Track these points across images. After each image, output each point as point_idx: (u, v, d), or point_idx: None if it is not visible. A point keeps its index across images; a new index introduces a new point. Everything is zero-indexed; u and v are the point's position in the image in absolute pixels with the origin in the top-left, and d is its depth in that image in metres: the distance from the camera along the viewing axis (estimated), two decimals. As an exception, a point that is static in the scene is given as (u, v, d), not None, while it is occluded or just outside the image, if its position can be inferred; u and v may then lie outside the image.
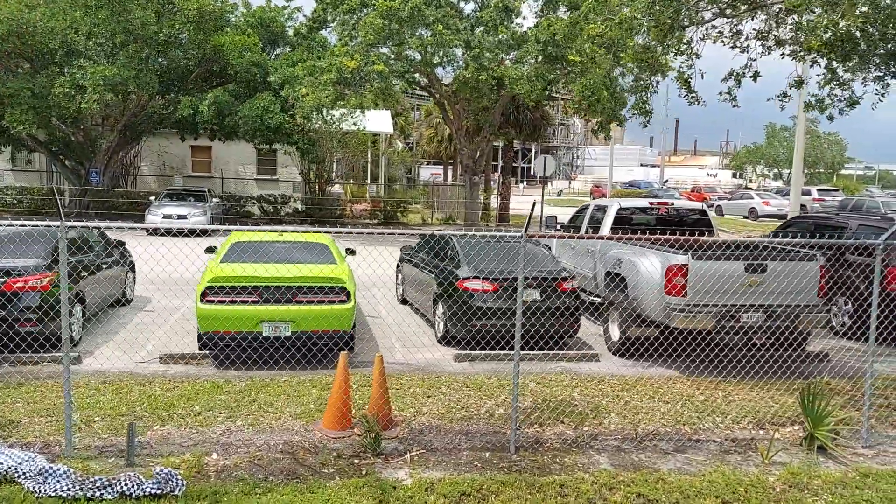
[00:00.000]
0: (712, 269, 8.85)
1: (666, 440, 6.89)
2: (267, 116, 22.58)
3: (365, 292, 13.20)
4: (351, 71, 19.87)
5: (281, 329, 8.63)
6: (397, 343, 10.24)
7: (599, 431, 7.02)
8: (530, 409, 7.46)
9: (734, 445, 6.84)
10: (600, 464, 6.28)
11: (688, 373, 9.22)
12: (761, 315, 9.02)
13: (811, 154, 68.68)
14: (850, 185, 60.22)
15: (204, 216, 22.81)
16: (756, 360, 9.40)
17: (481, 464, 6.17)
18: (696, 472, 6.19)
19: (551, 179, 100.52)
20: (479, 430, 6.90)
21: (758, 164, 75.39)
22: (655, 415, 7.52)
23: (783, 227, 13.54)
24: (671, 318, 8.95)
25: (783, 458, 6.51)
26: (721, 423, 7.40)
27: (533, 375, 8.70)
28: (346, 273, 9.17)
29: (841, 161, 72.66)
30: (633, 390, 8.27)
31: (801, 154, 29.33)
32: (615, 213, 11.44)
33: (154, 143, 31.11)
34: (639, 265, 9.61)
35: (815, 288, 9.13)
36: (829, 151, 69.90)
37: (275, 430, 6.69)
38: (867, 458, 6.61)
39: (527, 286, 9.67)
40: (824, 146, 69.61)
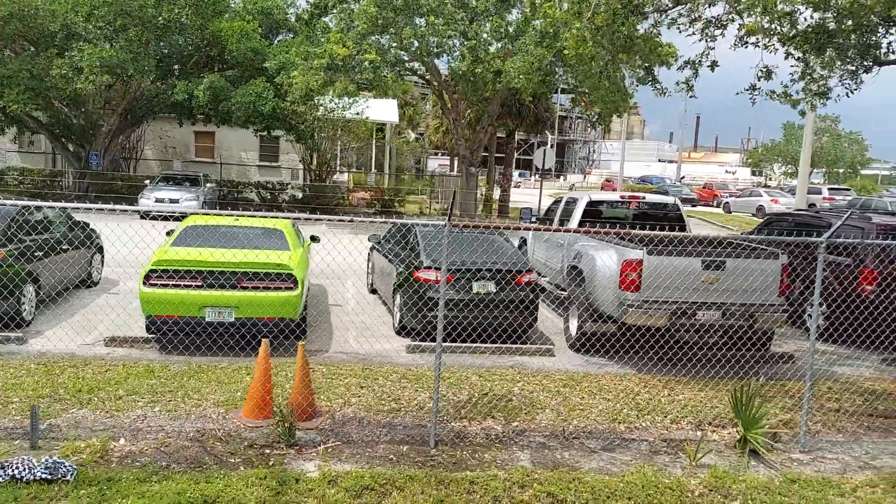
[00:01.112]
0: (668, 264, 8.61)
1: (596, 438, 6.70)
2: (260, 102, 22.49)
3: (335, 281, 13.08)
4: (342, 58, 19.68)
5: (224, 315, 8.52)
6: (354, 332, 10.10)
7: (529, 427, 6.84)
8: (463, 403, 7.29)
9: (666, 446, 6.63)
10: (520, 461, 6.10)
11: (641, 370, 9.00)
12: (718, 313, 8.76)
13: (831, 153, 67.65)
14: (867, 184, 59.11)
15: (196, 201, 22.80)
16: (714, 360, 9.15)
17: (396, 457, 6.02)
18: (617, 472, 6.00)
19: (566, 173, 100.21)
20: (404, 423, 6.74)
21: (775, 161, 74.31)
22: (592, 412, 7.32)
23: (763, 224, 13.22)
24: (625, 313, 8.73)
25: (712, 461, 6.30)
26: (659, 422, 7.19)
27: (477, 369, 8.52)
28: (295, 260, 9.02)
29: (862, 161, 71.35)
30: (578, 386, 8.07)
31: (809, 152, 28.81)
32: (584, 206, 11.19)
33: (156, 127, 31.20)
34: (596, 259, 9.39)
35: (776, 287, 8.85)
36: (850, 150, 68.68)
37: (192, 417, 6.57)
38: (801, 463, 6.38)
39: (482, 278, 9.50)
40: (844, 145, 68.43)
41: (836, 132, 67.24)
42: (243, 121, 23.93)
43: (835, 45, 8.75)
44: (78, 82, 21.51)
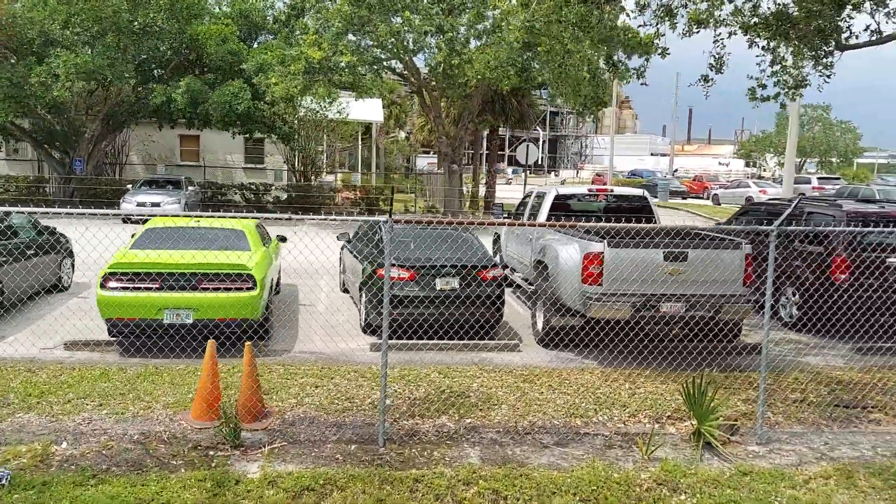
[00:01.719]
0: (630, 257, 8.53)
1: (550, 433, 6.62)
2: (235, 103, 22.38)
3: (309, 280, 13.00)
4: (318, 61, 19.58)
5: (183, 316, 8.43)
6: (321, 331, 9.98)
7: (483, 424, 6.75)
8: (418, 401, 7.21)
9: (621, 440, 6.54)
10: (469, 457, 6.02)
11: (606, 364, 8.91)
12: (682, 305, 8.68)
13: (823, 142, 67.57)
14: (860, 173, 59.04)
15: (178, 204, 22.69)
16: (681, 352, 9.08)
17: (343, 457, 5.93)
18: (567, 467, 5.92)
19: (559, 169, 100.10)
20: (355, 422, 6.65)
21: (767, 152, 74.21)
22: (550, 407, 7.23)
23: (738, 214, 13.15)
24: (588, 307, 8.65)
25: (666, 455, 6.21)
26: (617, 416, 7.10)
27: (438, 366, 8.42)
28: (255, 261, 8.94)
29: (855, 149, 71.22)
30: (538, 381, 7.98)
31: (794, 142, 28.75)
32: (552, 199, 11.11)
33: (140, 132, 31.07)
34: (559, 253, 9.30)
35: (740, 277, 8.77)
36: (842, 139, 68.56)
37: (139, 419, 6.49)
38: (756, 455, 6.29)
39: (446, 274, 9.42)
40: (837, 134, 68.31)
41: (827, 121, 67.15)
42: (221, 122, 23.81)
43: (797, 31, 8.66)
44: (55, 89, 21.40)
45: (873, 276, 9.87)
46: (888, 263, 9.99)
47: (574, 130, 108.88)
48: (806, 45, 8.72)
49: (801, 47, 8.88)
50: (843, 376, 8.51)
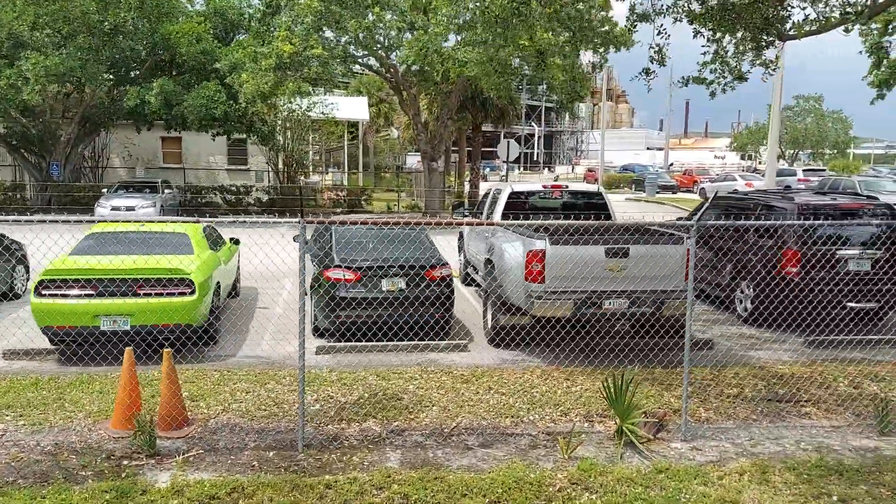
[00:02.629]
0: (572, 254, 8.47)
1: (477, 434, 6.57)
2: (212, 106, 22.31)
3: (273, 283, 12.96)
4: (289, 56, 19.51)
5: (119, 323, 8.37)
6: (271, 335, 9.95)
7: (410, 427, 6.70)
8: (349, 405, 7.15)
9: (548, 439, 6.48)
10: (388, 461, 5.97)
11: (550, 362, 8.86)
12: (624, 301, 8.63)
13: (815, 133, 67.42)
14: (850, 164, 58.93)
15: (153, 208, 22.66)
16: (627, 349, 9.04)
17: (259, 464, 5.88)
18: (485, 468, 5.87)
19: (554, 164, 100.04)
20: (279, 428, 6.60)
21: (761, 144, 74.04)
22: (483, 407, 7.18)
23: (698, 208, 13.07)
24: (531, 305, 8.60)
25: (588, 453, 6.16)
26: (548, 415, 7.05)
27: (377, 368, 8.37)
28: (196, 265, 8.88)
29: (846, 140, 71.04)
30: (477, 381, 7.93)
31: (777, 134, 28.77)
32: (507, 197, 11.05)
33: (121, 135, 31.00)
34: (504, 251, 9.25)
35: (682, 272, 8.70)
36: (834, 130, 68.39)
37: (57, 429, 6.43)
38: (678, 452, 6.24)
39: (393, 274, 9.36)
40: (828, 125, 68.13)
41: (819, 112, 67.00)
42: (197, 125, 23.75)
43: (741, 21, 8.59)
44: (25, 92, 21.34)
45: (823, 269, 9.82)
46: (838, 256, 9.94)
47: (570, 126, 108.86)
48: (749, 36, 8.65)
49: (744, 39, 8.80)
50: (785, 370, 8.47)
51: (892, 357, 9.05)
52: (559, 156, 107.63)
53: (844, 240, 10.11)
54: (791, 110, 67.82)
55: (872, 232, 10.17)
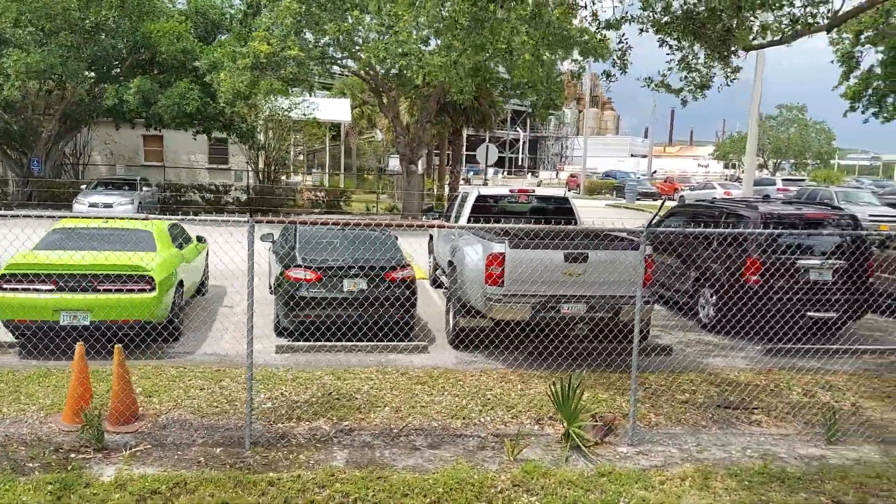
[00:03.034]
0: (531, 258, 8.54)
1: (426, 435, 6.61)
2: (184, 103, 22.28)
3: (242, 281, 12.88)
4: (266, 56, 19.51)
5: (80, 318, 8.36)
6: (233, 334, 9.94)
7: (360, 426, 6.74)
8: (301, 403, 7.18)
9: (496, 441, 6.54)
10: (335, 460, 6.00)
11: (509, 365, 8.91)
12: (582, 306, 8.70)
13: (798, 143, 68.08)
14: (831, 174, 59.50)
15: (131, 205, 22.56)
16: (585, 353, 9.12)
17: (206, 460, 5.90)
18: (431, 469, 5.91)
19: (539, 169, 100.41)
20: (229, 425, 6.62)
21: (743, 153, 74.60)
22: (436, 408, 7.23)
23: (666, 215, 13.20)
24: (489, 308, 8.66)
25: (534, 456, 6.22)
26: (500, 417, 7.11)
27: (335, 368, 8.40)
28: (157, 262, 8.88)
29: (829, 150, 71.73)
30: (433, 382, 7.97)
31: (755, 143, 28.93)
32: (474, 200, 11.12)
33: (102, 132, 30.84)
34: (465, 254, 9.31)
35: (641, 278, 8.78)
36: (817, 140, 69.05)
37: (7, 421, 6.44)
38: (624, 456, 6.31)
39: (353, 275, 9.39)
40: (812, 135, 68.77)
41: (802, 122, 67.66)
42: (173, 123, 23.71)
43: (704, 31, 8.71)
44: (6, 89, 21.24)
45: (784, 278, 9.95)
46: (799, 266, 10.07)
47: (555, 131, 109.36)
48: (711, 45, 8.77)
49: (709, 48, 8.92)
50: (740, 378, 8.57)
51: (847, 366, 9.18)
52: (544, 161, 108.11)
53: (806, 249, 10.25)
54: (774, 120, 68.51)
55: (834, 242, 10.32)
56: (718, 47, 8.64)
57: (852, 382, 8.41)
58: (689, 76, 9.98)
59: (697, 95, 9.75)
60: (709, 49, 8.82)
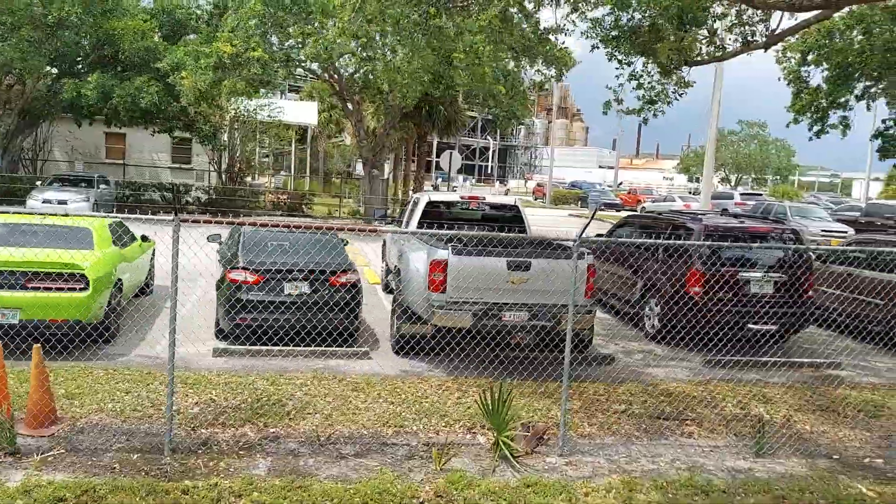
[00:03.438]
0: (474, 265, 8.48)
1: (355, 443, 6.50)
2: (139, 96, 21.93)
3: (189, 282, 12.64)
4: (229, 57, 19.28)
5: (8, 316, 8.11)
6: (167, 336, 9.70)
7: (287, 433, 6.60)
8: (230, 409, 7.03)
9: (426, 450, 6.44)
10: (256, 468, 5.86)
11: (451, 373, 8.84)
12: (525, 314, 8.67)
13: (758, 159, 69.36)
14: (788, 190, 60.69)
15: (86, 202, 22.10)
16: (527, 362, 9.08)
17: (121, 466, 5.73)
18: (354, 478, 5.80)
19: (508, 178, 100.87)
20: (150, 430, 6.44)
21: (706, 168, 75.74)
22: (368, 415, 7.12)
23: (616, 225, 13.28)
24: (431, 314, 8.59)
25: (462, 465, 6.15)
26: (434, 425, 7.03)
27: (268, 373, 8.23)
28: (93, 260, 8.65)
29: (788, 166, 73.17)
30: (369, 389, 7.86)
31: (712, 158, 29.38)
32: (423, 206, 11.06)
33: (63, 128, 30.24)
34: (410, 260, 9.24)
35: (582, 288, 8.79)
36: (777, 156, 70.37)
37: (-86, 425, 6.17)
38: (552, 466, 6.27)
39: (295, 279, 9.26)
40: (772, 151, 70.07)
41: (763, 138, 68.91)
42: (129, 118, 23.35)
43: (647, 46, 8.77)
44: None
45: (726, 290, 10.04)
46: (741, 278, 10.16)
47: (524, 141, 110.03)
48: (655, 60, 8.83)
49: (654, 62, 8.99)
50: (677, 389, 8.60)
51: (783, 379, 9.26)
52: (513, 170, 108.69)
53: (748, 262, 10.35)
54: (736, 135, 69.71)
55: (776, 256, 10.44)
56: (662, 62, 8.70)
57: (787, 395, 8.49)
58: (641, 92, 10.04)
59: (650, 112, 9.80)
60: (653, 64, 8.88)
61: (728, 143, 69.73)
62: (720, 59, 8.57)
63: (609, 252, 12.72)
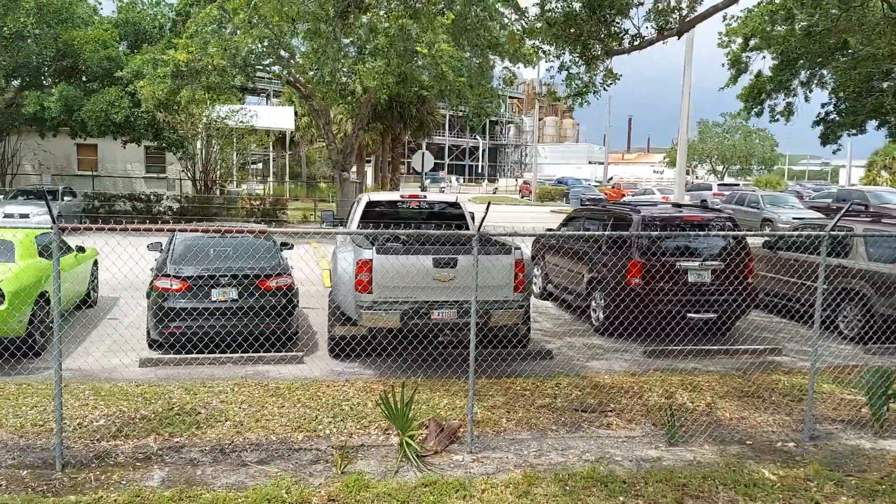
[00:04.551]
0: (399, 264, 8.37)
1: (260, 450, 6.38)
2: (112, 111, 21.79)
3: (134, 293, 12.51)
4: (186, 64, 19.15)
5: (-76, 333, 7.99)
6: (106, 347, 9.60)
7: (192, 442, 6.48)
8: (138, 419, 6.90)
9: (334, 454, 6.32)
10: (150, 480, 5.74)
11: (382, 374, 8.73)
12: (453, 312, 8.56)
13: (742, 149, 69.47)
14: (771, 179, 60.71)
15: (49, 215, 21.88)
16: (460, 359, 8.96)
17: (7, 483, 5.60)
18: (250, 485, 5.68)
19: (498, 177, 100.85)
20: (48, 445, 6.30)
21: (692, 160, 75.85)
22: (281, 421, 6.99)
23: (567, 218, 13.18)
24: (360, 315, 8.48)
25: (366, 468, 6.04)
26: (349, 428, 6.90)
27: (191, 381, 8.12)
28: (11, 274, 8.54)
29: (772, 156, 73.26)
30: (290, 394, 7.74)
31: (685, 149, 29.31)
32: (364, 206, 10.94)
33: (32, 141, 30.07)
34: (339, 261, 9.13)
35: (511, 283, 8.69)
36: (760, 147, 70.44)
37: None
38: (458, 464, 6.16)
39: (223, 284, 9.14)
40: (755, 142, 70.13)
41: (746, 129, 68.93)
42: (97, 130, 23.18)
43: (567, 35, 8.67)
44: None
45: (664, 280, 9.94)
46: (679, 268, 10.07)
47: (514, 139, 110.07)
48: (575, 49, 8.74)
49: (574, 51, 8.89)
50: (608, 380, 8.49)
51: (719, 367, 9.17)
52: (504, 168, 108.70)
53: (686, 252, 10.26)
54: (720, 127, 69.80)
55: (714, 244, 10.35)
56: (582, 52, 8.61)
57: (717, 383, 8.39)
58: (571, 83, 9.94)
59: (578, 103, 9.70)
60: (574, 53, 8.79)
61: (713, 135, 69.83)
62: (639, 48, 8.49)
63: (559, 246, 12.64)
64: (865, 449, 6.55)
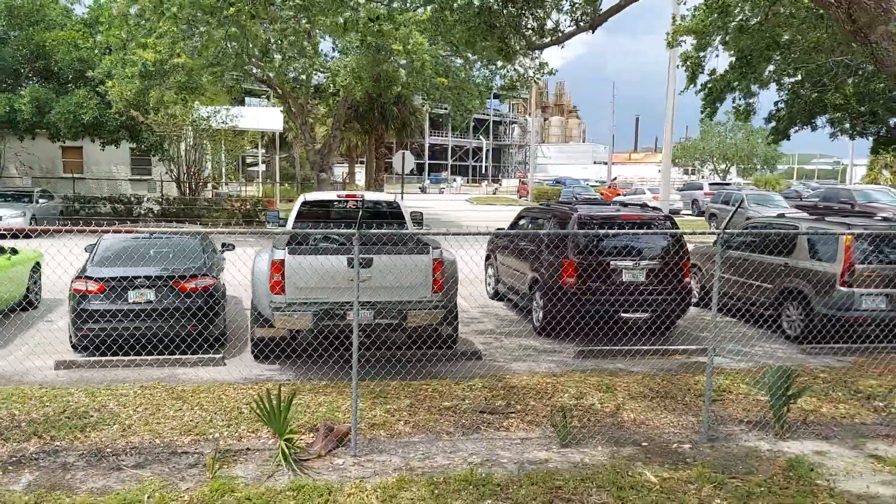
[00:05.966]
0: (312, 264, 8.22)
1: (140, 454, 6.24)
2: (80, 112, 21.75)
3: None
4: (153, 64, 19.07)
5: None
6: (29, 349, 9.50)
7: (73, 446, 6.34)
8: (23, 423, 6.77)
9: (219, 456, 6.17)
10: (17, 484, 5.62)
11: (302, 375, 8.58)
12: (368, 312, 8.40)
13: (744, 148, 68.92)
14: (771, 179, 60.20)
15: (23, 217, 21.92)
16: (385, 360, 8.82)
17: None
18: (116, 490, 5.55)
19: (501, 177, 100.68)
20: (-76, 448, 6.20)
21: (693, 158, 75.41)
22: (172, 424, 6.85)
23: (517, 217, 13.00)
24: (273, 317, 8.34)
25: (239, 472, 5.88)
26: (240, 432, 6.76)
27: (97, 385, 7.97)
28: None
29: (774, 156, 72.62)
30: (192, 398, 7.58)
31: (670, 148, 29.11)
32: (299, 206, 10.80)
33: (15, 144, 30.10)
34: (256, 262, 8.99)
35: (428, 283, 8.52)
36: (763, 146, 69.82)
37: None
38: (336, 468, 6.00)
39: (139, 286, 9.01)
40: (758, 140, 69.52)
41: (749, 128, 68.35)
42: (69, 133, 23.16)
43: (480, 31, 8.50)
44: None
45: (598, 279, 9.76)
46: (613, 267, 9.87)
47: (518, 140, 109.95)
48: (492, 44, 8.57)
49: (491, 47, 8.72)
50: (523, 382, 8.29)
51: (649, 367, 8.98)
52: (507, 169, 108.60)
53: (622, 251, 10.06)
54: (722, 126, 69.27)
55: (650, 243, 10.15)
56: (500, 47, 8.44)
57: (636, 383, 8.19)
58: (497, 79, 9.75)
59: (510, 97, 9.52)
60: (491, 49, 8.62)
61: (715, 134, 69.33)
62: (558, 42, 8.31)
63: (506, 246, 12.47)
64: (762, 451, 6.35)
